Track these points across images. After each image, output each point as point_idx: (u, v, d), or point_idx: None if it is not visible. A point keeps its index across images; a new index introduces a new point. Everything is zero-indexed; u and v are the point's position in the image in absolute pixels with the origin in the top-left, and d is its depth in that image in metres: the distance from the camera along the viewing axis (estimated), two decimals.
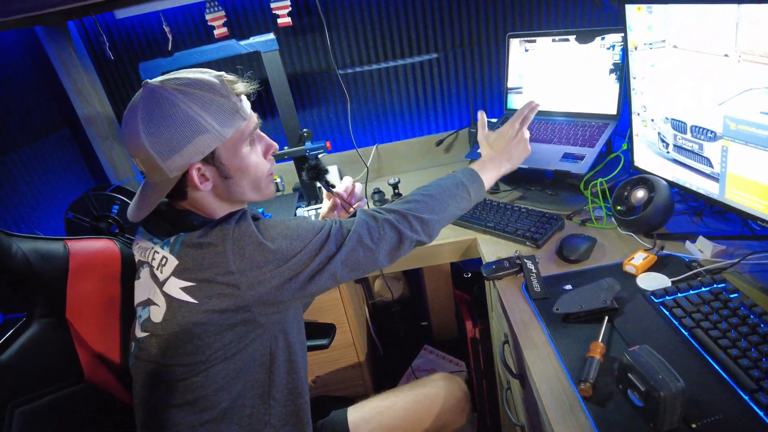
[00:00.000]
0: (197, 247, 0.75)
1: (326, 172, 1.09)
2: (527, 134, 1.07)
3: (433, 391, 1.11)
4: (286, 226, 0.79)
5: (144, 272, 0.82)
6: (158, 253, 0.79)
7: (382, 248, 0.85)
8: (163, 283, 0.77)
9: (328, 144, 1.40)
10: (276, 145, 0.88)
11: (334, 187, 1.07)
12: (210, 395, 0.79)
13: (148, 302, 0.80)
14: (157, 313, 0.77)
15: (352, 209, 1.06)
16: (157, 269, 0.78)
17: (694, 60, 0.93)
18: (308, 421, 0.91)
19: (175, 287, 0.75)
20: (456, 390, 1.12)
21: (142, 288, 0.82)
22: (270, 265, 0.75)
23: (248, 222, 0.77)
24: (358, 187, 1.09)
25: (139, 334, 0.81)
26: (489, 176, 1.02)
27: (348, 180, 1.08)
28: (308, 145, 1.40)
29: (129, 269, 0.94)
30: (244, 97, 0.81)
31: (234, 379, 0.80)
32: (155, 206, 0.80)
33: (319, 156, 1.41)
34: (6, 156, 1.34)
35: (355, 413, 1.08)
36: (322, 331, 1.22)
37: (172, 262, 0.76)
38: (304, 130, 1.41)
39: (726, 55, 0.85)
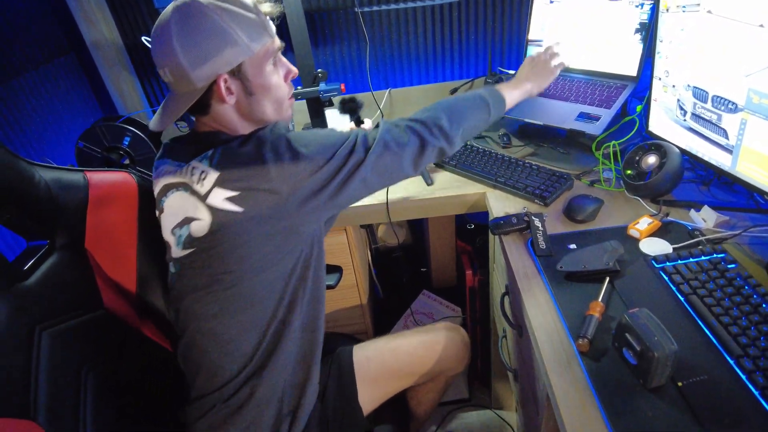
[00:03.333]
0: (237, 156, 0.79)
1: (362, 107, 1.13)
2: (556, 61, 1.12)
3: (436, 337, 1.16)
4: (317, 135, 0.85)
5: (176, 195, 0.85)
6: (197, 168, 0.82)
7: (407, 154, 0.89)
8: (205, 196, 0.80)
9: (342, 86, 1.38)
10: (296, 70, 0.92)
11: (363, 123, 1.11)
12: (246, 306, 0.85)
13: (187, 220, 0.83)
14: (201, 228, 0.81)
15: None
16: (198, 184, 0.81)
17: (727, 28, 0.91)
18: (322, 328, 0.98)
19: (219, 198, 0.79)
20: (458, 339, 1.18)
21: (175, 210, 0.85)
22: (307, 170, 0.80)
23: (282, 131, 0.83)
24: None
25: (179, 253, 0.85)
26: (510, 93, 1.06)
27: (370, 122, 1.12)
28: (322, 86, 1.38)
29: (146, 202, 0.96)
30: (269, 18, 0.84)
31: (269, 288, 0.85)
32: (179, 116, 0.83)
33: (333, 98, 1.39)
34: (12, 80, 1.31)
35: (359, 351, 1.13)
36: (330, 272, 1.27)
37: (213, 174, 0.79)
38: (319, 70, 1.38)
39: (761, 26, 0.83)
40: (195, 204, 0.81)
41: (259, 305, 0.86)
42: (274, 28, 0.85)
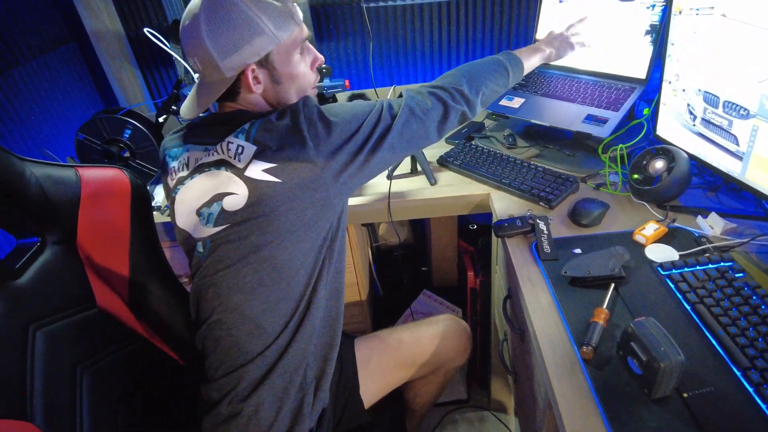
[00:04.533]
0: (275, 128, 0.81)
1: None
2: (577, 39, 1.17)
3: (438, 329, 1.16)
4: (345, 106, 0.88)
5: (201, 177, 0.87)
6: (233, 143, 0.83)
7: (432, 119, 0.92)
8: (243, 169, 0.81)
9: (346, 83, 1.36)
10: (322, 58, 0.93)
11: None
12: (282, 278, 0.86)
13: (218, 197, 0.84)
14: (236, 202, 0.82)
15: None
16: (235, 159, 0.82)
17: (741, 32, 0.89)
18: (343, 298, 1.00)
19: (258, 170, 0.80)
20: (460, 331, 1.19)
21: (200, 192, 0.87)
22: (339, 139, 0.82)
23: (314, 103, 0.84)
24: None
25: (210, 231, 0.86)
26: (528, 58, 1.10)
27: None
28: (326, 82, 1.36)
29: (139, 198, 0.94)
30: (296, 6, 0.85)
31: (302, 259, 0.87)
32: (210, 104, 0.86)
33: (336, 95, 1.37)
34: (12, 69, 1.29)
35: (361, 343, 1.13)
36: None
37: (250, 147, 0.81)
38: (324, 66, 1.36)
39: None
40: (229, 179, 0.83)
41: (295, 276, 0.87)
42: (301, 16, 0.86)
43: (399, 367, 1.13)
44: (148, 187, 1.04)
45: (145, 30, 1.22)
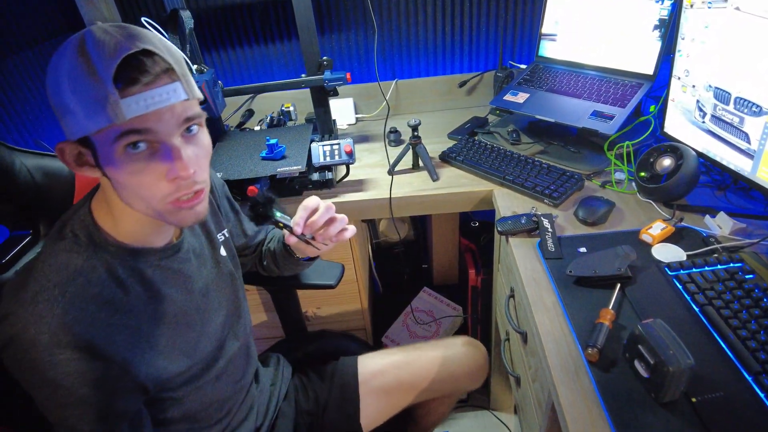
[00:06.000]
0: None
1: (272, 203, 0.81)
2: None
3: (456, 355, 1.08)
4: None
5: None
6: None
7: None
8: None
9: (348, 75, 1.33)
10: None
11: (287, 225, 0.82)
12: None
13: None
14: None
15: (318, 246, 0.86)
16: None
17: (755, 26, 0.86)
18: None
19: None
20: (479, 356, 1.10)
21: None
22: None
23: None
24: (320, 213, 0.81)
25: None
26: None
27: (310, 202, 0.82)
28: (327, 74, 1.33)
29: None
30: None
31: None
32: None
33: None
34: (7, 59, 1.27)
35: (366, 363, 1.06)
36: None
37: None
38: (324, 58, 1.34)
39: None
40: None
41: None
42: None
43: (409, 391, 1.05)
44: None
45: (143, 19, 1.19)
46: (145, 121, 0.56)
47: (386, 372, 1.05)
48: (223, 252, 0.86)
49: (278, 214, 0.81)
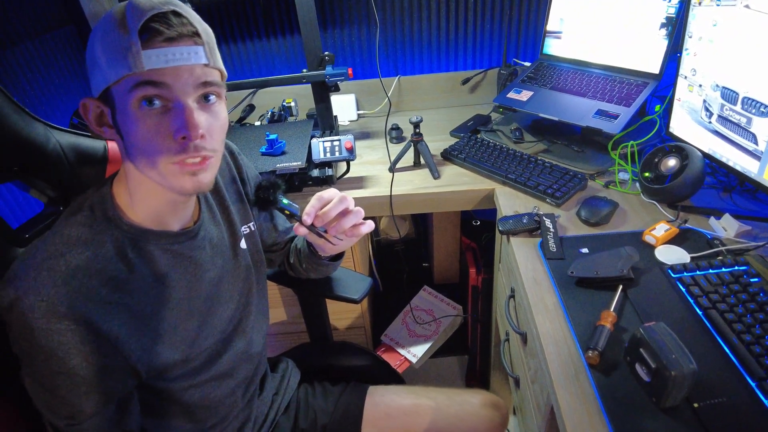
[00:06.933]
0: None
1: (277, 187, 0.78)
2: None
3: (472, 410, 0.98)
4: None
5: None
6: None
7: None
8: None
9: (349, 71, 1.32)
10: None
11: (295, 213, 0.79)
12: None
13: None
14: None
15: (332, 240, 0.80)
16: None
17: (765, 24, 0.84)
18: None
19: None
20: (497, 420, 0.98)
21: None
22: None
23: None
24: (333, 204, 0.77)
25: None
26: None
27: (326, 193, 0.78)
28: (329, 70, 1.32)
29: None
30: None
31: None
32: None
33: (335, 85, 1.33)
34: (8, 50, 1.26)
35: (374, 396, 1.00)
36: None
37: None
38: (326, 53, 1.32)
39: None
40: None
41: None
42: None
43: None
44: None
45: None
46: (162, 74, 0.57)
47: (393, 417, 0.97)
48: (243, 245, 0.85)
49: (285, 201, 0.79)
